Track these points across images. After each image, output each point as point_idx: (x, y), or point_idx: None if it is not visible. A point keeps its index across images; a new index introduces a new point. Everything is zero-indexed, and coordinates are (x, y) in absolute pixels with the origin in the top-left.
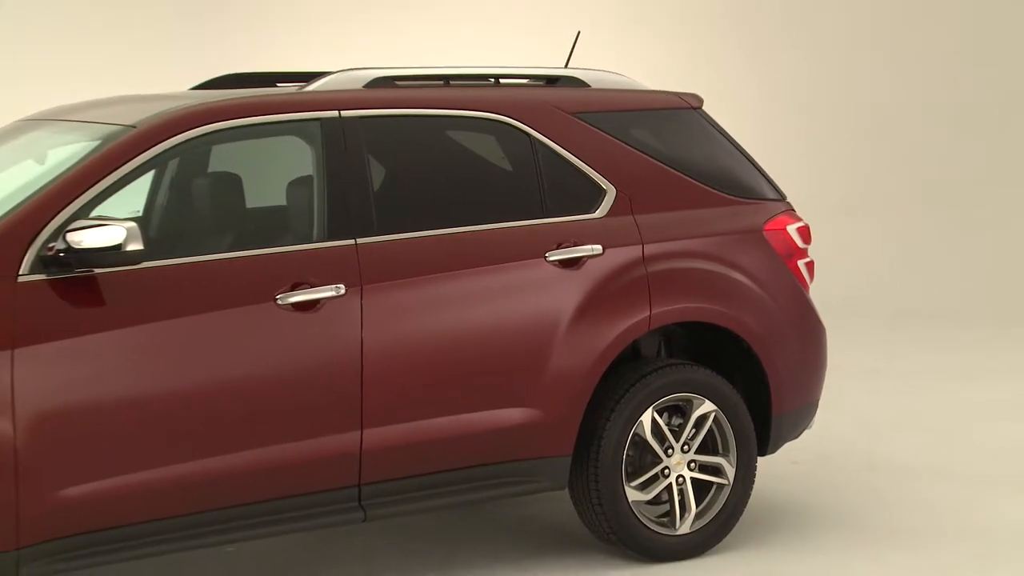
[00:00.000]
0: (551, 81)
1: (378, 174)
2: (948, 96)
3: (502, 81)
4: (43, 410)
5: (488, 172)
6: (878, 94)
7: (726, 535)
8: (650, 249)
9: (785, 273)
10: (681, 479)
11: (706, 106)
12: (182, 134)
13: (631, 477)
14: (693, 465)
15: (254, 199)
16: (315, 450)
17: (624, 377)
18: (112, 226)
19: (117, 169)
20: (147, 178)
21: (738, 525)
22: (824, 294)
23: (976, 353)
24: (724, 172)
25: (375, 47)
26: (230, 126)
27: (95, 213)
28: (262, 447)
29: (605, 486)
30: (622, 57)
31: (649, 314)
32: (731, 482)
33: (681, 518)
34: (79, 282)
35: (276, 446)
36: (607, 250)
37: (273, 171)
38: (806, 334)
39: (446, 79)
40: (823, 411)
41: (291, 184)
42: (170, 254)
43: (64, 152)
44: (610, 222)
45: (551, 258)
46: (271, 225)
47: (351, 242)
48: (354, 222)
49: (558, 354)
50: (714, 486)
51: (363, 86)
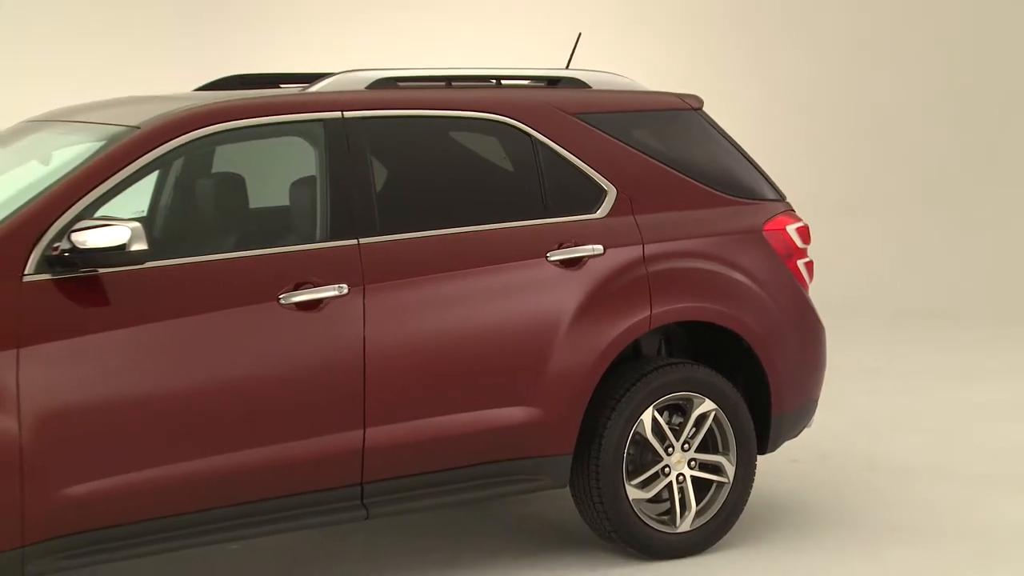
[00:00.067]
0: (552, 82)
1: (380, 174)
2: (948, 96)
3: (504, 82)
4: (48, 409)
5: (490, 173)
6: (878, 94)
7: (726, 533)
8: (650, 249)
9: (785, 273)
10: (681, 477)
11: (706, 106)
12: (186, 135)
13: (632, 475)
14: (693, 463)
15: (257, 199)
16: (318, 449)
17: (625, 376)
18: (116, 226)
19: (121, 170)
20: (151, 178)
21: (738, 523)
22: (824, 294)
23: (976, 353)
24: (724, 173)
25: (375, 47)
26: (234, 127)
27: (100, 213)
28: (265, 446)
29: (606, 484)
30: (622, 57)
31: (650, 313)
32: (731, 480)
33: (681, 516)
34: (84, 282)
35: (279, 445)
36: (608, 250)
37: (276, 172)
38: (806, 334)
39: (448, 80)
40: (823, 410)
41: (294, 184)
42: (174, 254)
43: (69, 153)
44: (611, 222)
45: (552, 258)
46: (274, 225)
47: (354, 242)
48: (357, 222)
49: (559, 353)
50: (714, 484)
51: (366, 87)
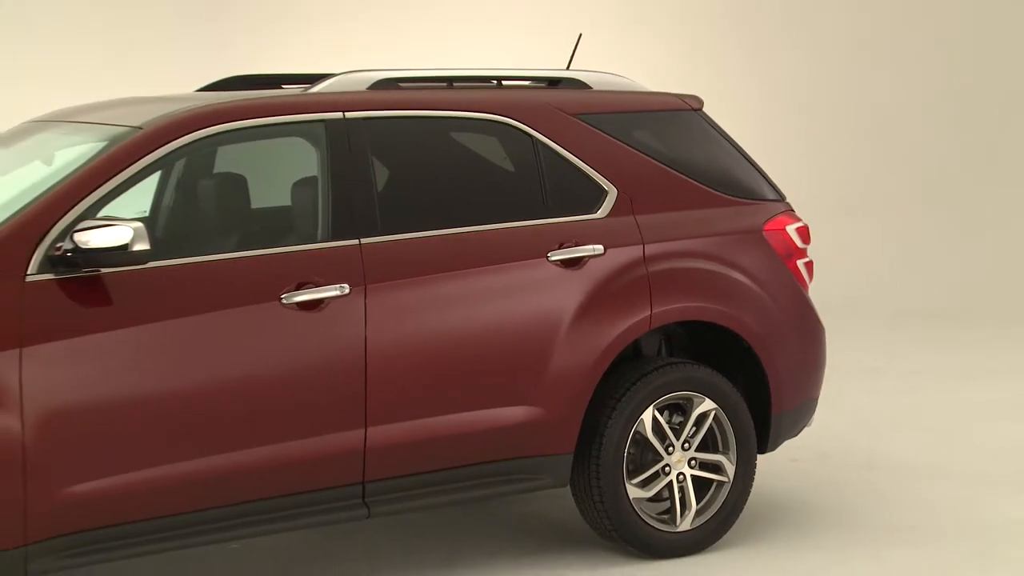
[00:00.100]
0: (553, 83)
1: (382, 175)
2: (948, 96)
3: (504, 83)
4: (51, 408)
5: (491, 173)
6: (878, 94)
7: (726, 532)
8: (651, 249)
9: (785, 273)
10: (682, 476)
11: (706, 106)
12: (188, 135)
13: (632, 474)
14: (693, 463)
15: (259, 200)
16: (319, 448)
17: (625, 376)
18: (119, 226)
19: (124, 170)
20: (153, 179)
21: (738, 522)
22: (824, 294)
23: (976, 353)
24: (724, 173)
25: (377, 48)
26: (235, 127)
27: (102, 213)
28: (267, 445)
29: (606, 483)
30: (622, 57)
31: (650, 313)
32: (731, 480)
33: (682, 515)
34: (86, 282)
35: (280, 444)
36: (608, 250)
37: (278, 172)
38: (806, 333)
39: (449, 81)
40: (823, 410)
41: (296, 185)
42: (176, 254)
43: (71, 153)
44: (611, 222)
45: (553, 258)
46: (276, 225)
47: (355, 242)
48: (358, 222)
49: (560, 353)
50: (714, 483)
51: (367, 88)
